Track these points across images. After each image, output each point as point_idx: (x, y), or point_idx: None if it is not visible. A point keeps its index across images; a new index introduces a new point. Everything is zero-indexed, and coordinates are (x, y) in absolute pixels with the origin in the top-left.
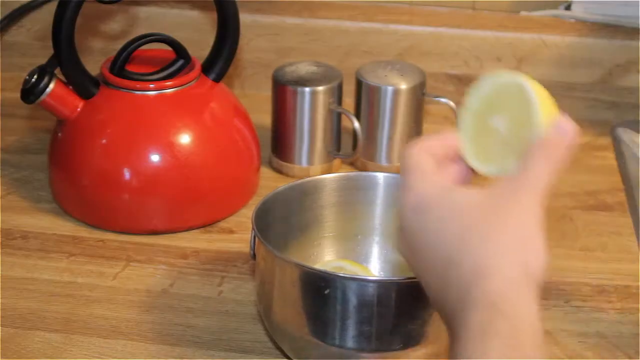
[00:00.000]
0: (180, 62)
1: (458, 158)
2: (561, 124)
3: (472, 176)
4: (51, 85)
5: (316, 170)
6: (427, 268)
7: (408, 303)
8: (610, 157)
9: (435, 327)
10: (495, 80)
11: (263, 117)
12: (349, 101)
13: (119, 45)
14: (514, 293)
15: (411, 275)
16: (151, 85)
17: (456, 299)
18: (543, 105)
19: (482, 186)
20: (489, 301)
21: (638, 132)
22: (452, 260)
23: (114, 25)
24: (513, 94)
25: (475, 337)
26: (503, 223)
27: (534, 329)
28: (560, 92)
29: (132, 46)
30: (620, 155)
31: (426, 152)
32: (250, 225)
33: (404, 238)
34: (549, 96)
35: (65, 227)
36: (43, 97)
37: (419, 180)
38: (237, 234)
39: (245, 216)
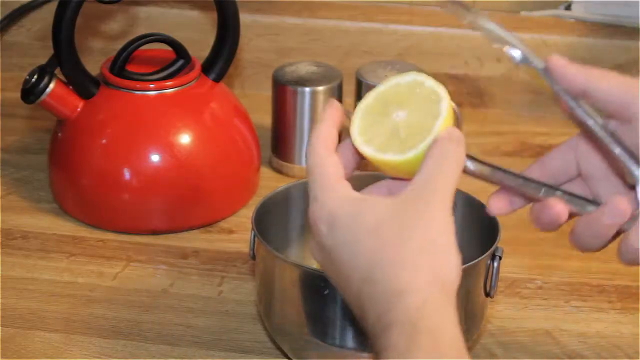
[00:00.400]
0: (180, 62)
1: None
2: (451, 128)
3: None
4: (51, 85)
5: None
6: (344, 284)
7: None
8: None
9: None
10: (408, 78)
11: (263, 117)
12: (349, 101)
13: (119, 45)
14: (432, 307)
15: None
16: (151, 85)
17: (375, 318)
18: (449, 111)
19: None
20: (409, 320)
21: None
22: (366, 279)
23: (114, 25)
24: (422, 94)
25: (401, 354)
26: (413, 239)
27: (453, 336)
28: None
29: (132, 46)
30: None
31: (326, 148)
32: (250, 225)
33: (320, 251)
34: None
35: (65, 227)
36: (43, 97)
37: (325, 191)
38: (237, 234)
39: (245, 216)
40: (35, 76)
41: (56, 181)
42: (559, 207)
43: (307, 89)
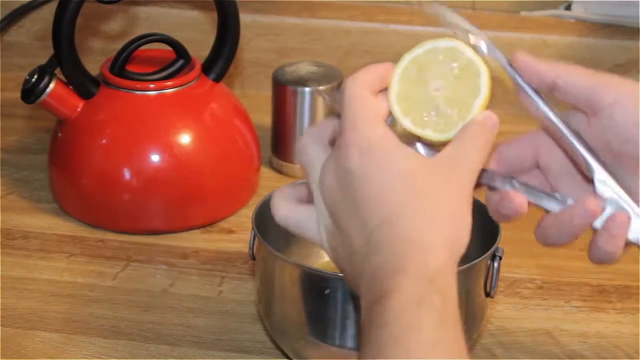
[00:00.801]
0: (180, 62)
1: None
2: (489, 112)
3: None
4: (51, 85)
5: None
6: (355, 217)
7: None
8: None
9: None
10: (445, 44)
11: (263, 117)
12: None
13: (119, 45)
14: (447, 271)
15: None
16: (151, 85)
17: (387, 260)
18: (488, 88)
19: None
20: (426, 276)
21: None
22: (388, 219)
23: (114, 25)
24: (461, 65)
25: (410, 305)
26: (441, 198)
27: (455, 304)
28: None
29: (132, 46)
30: None
31: (368, 89)
32: (250, 225)
33: (340, 176)
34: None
35: (65, 227)
36: (43, 97)
37: (368, 123)
38: (237, 234)
39: (245, 216)
40: (35, 76)
41: (56, 181)
42: (519, 199)
43: (307, 89)
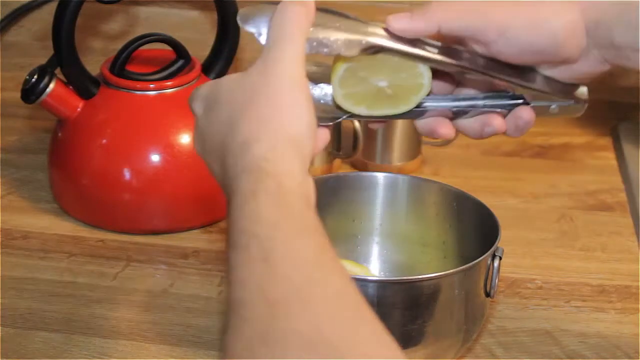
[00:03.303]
0: (180, 62)
1: None
2: None
3: None
4: (51, 85)
5: (316, 170)
6: (212, 159)
7: (408, 303)
8: (610, 157)
9: (435, 327)
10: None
11: None
12: None
13: (119, 45)
14: (277, 154)
15: (411, 275)
16: (151, 85)
17: (232, 173)
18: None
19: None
20: (256, 165)
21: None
22: (223, 143)
23: (114, 25)
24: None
25: (247, 197)
26: (261, 98)
27: (299, 183)
28: None
29: (132, 46)
30: (620, 155)
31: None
32: None
33: (198, 137)
34: None
35: (65, 227)
36: (43, 97)
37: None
38: None
39: None
40: (35, 76)
41: (56, 181)
42: (498, 121)
43: None
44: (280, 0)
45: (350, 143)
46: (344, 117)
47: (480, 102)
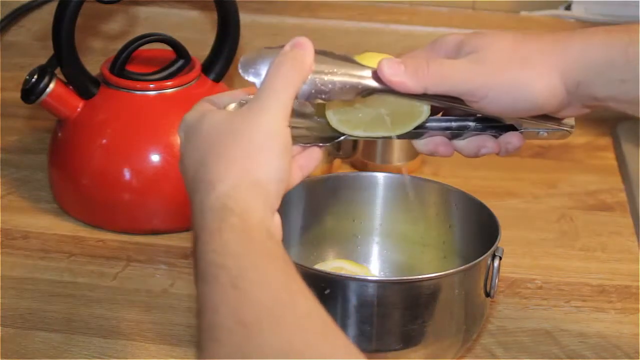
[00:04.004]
0: (180, 62)
1: None
2: (297, 39)
3: None
4: (51, 85)
5: (316, 170)
6: (186, 181)
7: (408, 303)
8: (610, 157)
9: (435, 327)
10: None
11: None
12: None
13: (119, 45)
14: (240, 193)
15: (411, 275)
16: (151, 85)
17: (199, 210)
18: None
19: None
20: (220, 202)
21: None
22: (193, 177)
23: (114, 25)
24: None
25: (212, 233)
26: (235, 141)
27: (263, 224)
28: None
29: (132, 46)
30: (620, 155)
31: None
32: None
33: (180, 160)
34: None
35: (65, 227)
36: (43, 97)
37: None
38: None
39: None
40: (35, 76)
41: (56, 181)
42: (491, 143)
43: None
44: (281, 46)
45: (350, 143)
46: (341, 138)
47: (472, 125)
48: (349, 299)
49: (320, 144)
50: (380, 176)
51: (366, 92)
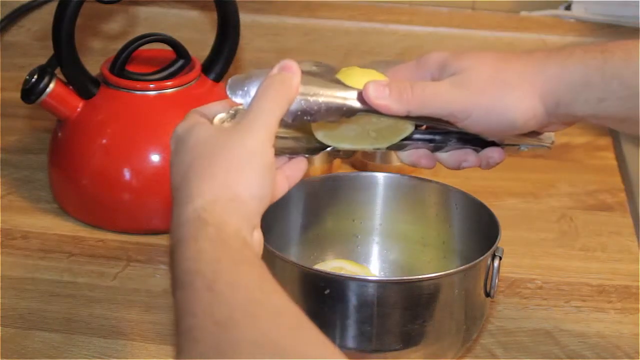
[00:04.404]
0: (180, 62)
1: None
2: (284, 62)
3: None
4: (51, 85)
5: (316, 170)
6: (171, 190)
7: (408, 303)
8: (610, 157)
9: (435, 327)
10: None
11: None
12: None
13: (119, 45)
14: (217, 207)
15: (411, 275)
16: (151, 85)
17: (176, 222)
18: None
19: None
20: (196, 214)
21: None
22: (176, 189)
23: (114, 25)
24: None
25: (188, 243)
26: (218, 158)
27: (239, 235)
28: None
29: (132, 46)
30: (620, 155)
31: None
32: None
33: (170, 168)
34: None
35: (65, 227)
36: (43, 97)
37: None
38: None
39: None
40: (35, 76)
41: (56, 181)
42: (472, 157)
43: None
44: (269, 69)
45: None
46: (328, 149)
47: (455, 138)
48: (349, 299)
49: (307, 155)
50: (380, 176)
51: (351, 113)
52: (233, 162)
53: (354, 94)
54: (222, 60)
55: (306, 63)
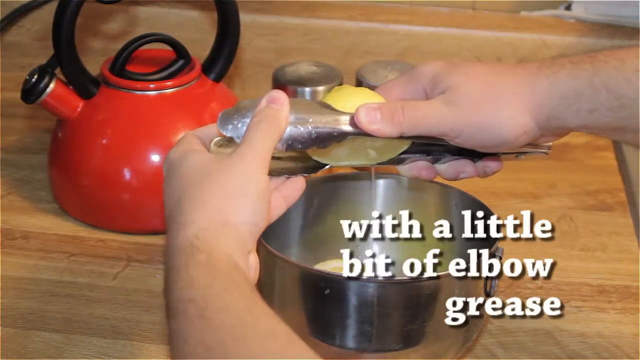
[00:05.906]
0: (181, 62)
1: None
2: (272, 94)
3: None
4: (51, 85)
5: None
6: (165, 215)
7: (408, 303)
8: (610, 157)
9: (435, 327)
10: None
11: None
12: None
13: (119, 45)
14: (208, 234)
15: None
16: (151, 85)
17: (170, 249)
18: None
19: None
20: (188, 242)
21: None
22: (168, 216)
23: (114, 25)
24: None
25: (180, 271)
26: (211, 185)
27: (230, 259)
28: None
29: (132, 46)
30: (620, 155)
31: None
32: None
33: (163, 193)
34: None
35: (65, 227)
36: (43, 97)
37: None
38: None
39: None
40: (35, 76)
41: (56, 181)
42: (470, 168)
43: (307, 89)
44: (258, 99)
45: None
46: (325, 167)
47: (453, 149)
48: (349, 299)
49: (305, 174)
50: (380, 176)
51: (342, 137)
52: (227, 189)
53: (346, 119)
54: (222, 60)
55: (306, 63)
